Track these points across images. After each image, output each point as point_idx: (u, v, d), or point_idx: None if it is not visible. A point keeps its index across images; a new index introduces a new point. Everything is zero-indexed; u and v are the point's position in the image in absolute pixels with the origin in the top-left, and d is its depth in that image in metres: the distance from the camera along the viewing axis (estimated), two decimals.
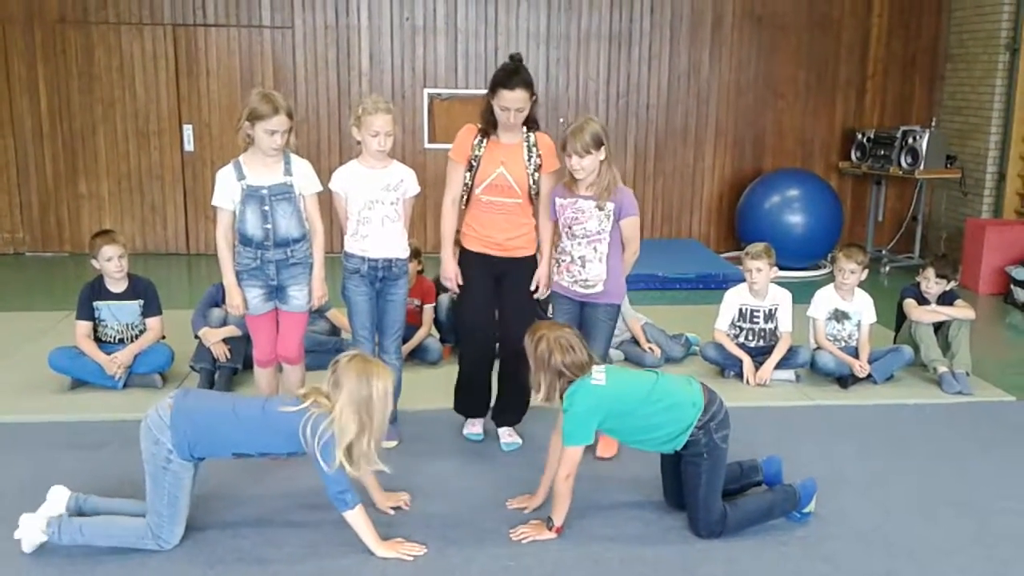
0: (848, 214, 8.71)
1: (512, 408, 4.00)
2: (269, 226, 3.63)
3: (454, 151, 3.83)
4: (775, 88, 8.76)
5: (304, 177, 3.72)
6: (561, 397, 3.13)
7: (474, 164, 3.76)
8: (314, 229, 3.79)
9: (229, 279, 3.72)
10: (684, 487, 3.21)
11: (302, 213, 3.72)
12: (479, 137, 3.79)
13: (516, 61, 3.73)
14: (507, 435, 4.02)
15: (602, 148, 3.56)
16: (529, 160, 3.77)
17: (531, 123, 3.80)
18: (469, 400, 4.08)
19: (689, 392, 3.19)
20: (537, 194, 3.82)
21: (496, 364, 4.03)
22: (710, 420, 3.13)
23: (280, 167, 3.66)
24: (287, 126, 3.57)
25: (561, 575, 2.96)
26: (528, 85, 3.68)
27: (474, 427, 4.08)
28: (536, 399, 3.19)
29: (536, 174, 3.79)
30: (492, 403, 4.08)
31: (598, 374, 3.16)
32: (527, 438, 4.00)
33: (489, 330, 3.93)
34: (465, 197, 3.85)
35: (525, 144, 3.79)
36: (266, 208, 3.62)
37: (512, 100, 3.64)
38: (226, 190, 3.65)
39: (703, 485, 3.15)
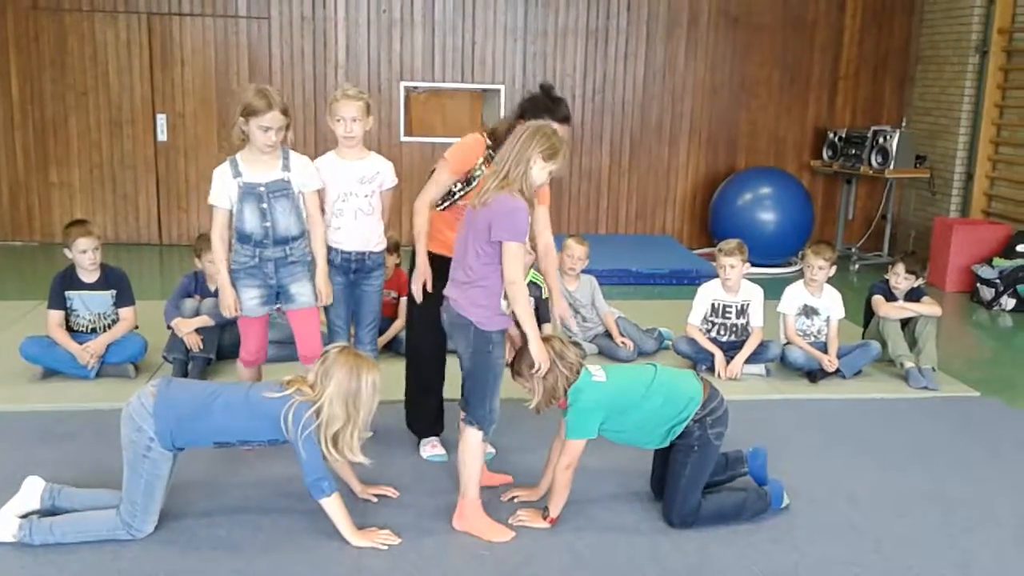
0: (819, 212, 8.82)
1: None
2: (268, 224, 3.55)
3: (457, 160, 3.50)
4: (749, 87, 8.84)
5: (302, 174, 3.64)
6: (555, 402, 3.15)
7: (472, 181, 3.50)
8: (314, 226, 3.68)
9: (224, 278, 3.63)
10: (668, 474, 3.26)
11: (301, 210, 3.64)
12: (483, 157, 3.50)
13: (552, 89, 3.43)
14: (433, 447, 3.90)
15: None
16: None
17: None
18: (427, 415, 3.87)
19: (688, 386, 3.22)
20: None
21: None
22: (707, 415, 3.17)
23: (278, 163, 3.59)
24: (281, 123, 3.49)
25: (534, 564, 3.00)
26: None
27: (435, 448, 3.84)
28: (530, 406, 3.17)
29: None
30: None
31: (597, 372, 3.19)
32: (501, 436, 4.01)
33: (444, 340, 3.62)
34: (447, 203, 3.59)
35: None
36: (264, 206, 3.54)
37: (563, 135, 3.25)
38: (223, 188, 3.56)
39: (686, 477, 3.19)
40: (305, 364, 3.67)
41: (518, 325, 3.15)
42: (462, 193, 3.53)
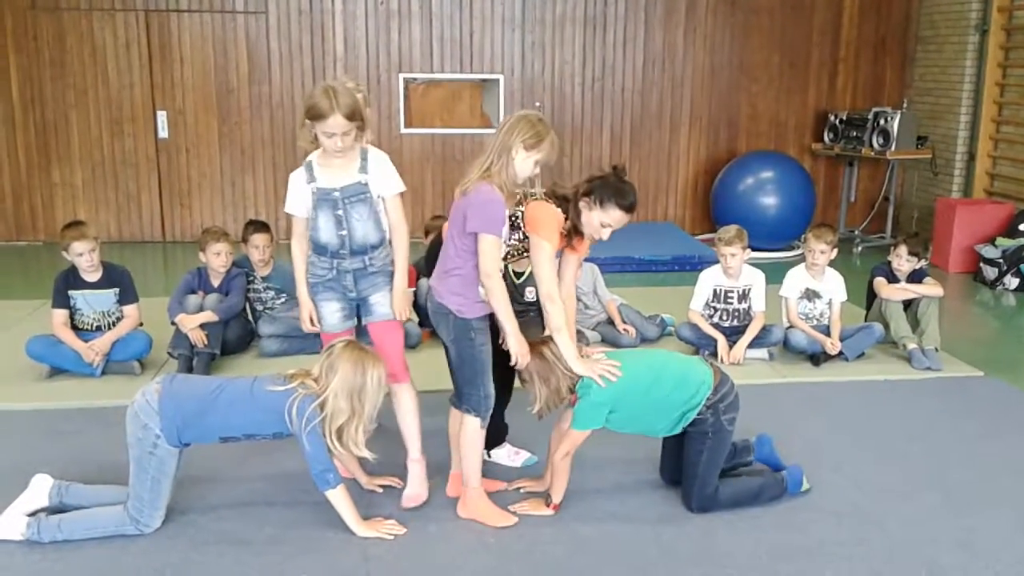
0: (821, 195, 8.80)
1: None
2: (344, 232, 3.22)
3: (553, 234, 3.17)
4: (749, 71, 8.82)
5: (381, 176, 3.24)
6: (561, 403, 3.15)
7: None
8: (396, 234, 3.29)
9: (301, 292, 3.35)
10: (684, 461, 3.26)
11: (380, 215, 3.27)
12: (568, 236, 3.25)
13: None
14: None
15: None
16: None
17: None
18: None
19: (699, 371, 3.21)
20: None
21: None
22: (719, 401, 3.16)
23: (355, 165, 3.21)
24: (345, 128, 3.07)
25: (540, 551, 3.02)
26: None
27: (519, 453, 3.73)
28: (533, 411, 3.16)
29: None
30: None
31: None
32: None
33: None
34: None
35: None
36: (339, 212, 3.21)
37: (621, 222, 3.22)
38: (298, 195, 3.26)
39: (703, 463, 3.20)
40: (391, 383, 3.28)
41: (517, 315, 3.16)
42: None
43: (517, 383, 3.33)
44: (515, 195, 3.07)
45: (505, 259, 3.36)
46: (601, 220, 3.15)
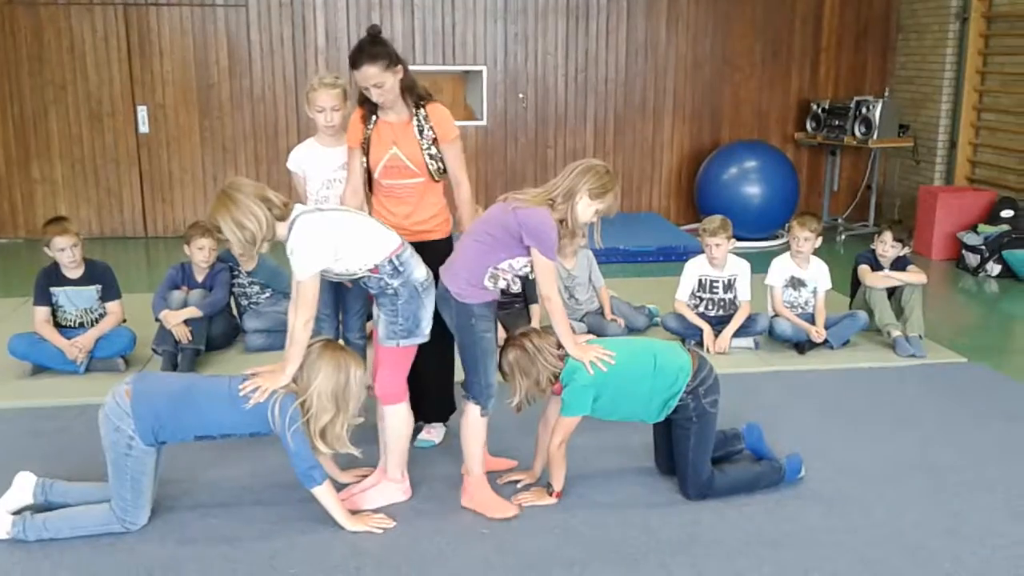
0: (804, 184, 8.84)
1: (435, 405, 3.81)
2: None
3: (347, 136, 3.57)
4: (731, 61, 8.82)
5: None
6: (541, 394, 3.18)
7: (364, 147, 3.50)
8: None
9: None
10: (674, 451, 3.29)
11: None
12: (366, 118, 3.51)
13: (370, 33, 3.39)
14: (426, 432, 3.83)
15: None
16: (422, 136, 3.46)
17: (417, 95, 3.47)
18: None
19: (677, 358, 3.23)
20: (441, 171, 3.52)
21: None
22: (699, 385, 3.19)
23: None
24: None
25: (529, 541, 3.02)
26: (375, 59, 3.31)
27: (428, 433, 3.83)
28: (512, 404, 3.17)
29: (433, 149, 3.48)
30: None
31: None
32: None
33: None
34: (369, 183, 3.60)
35: (415, 120, 3.47)
36: None
37: (361, 78, 3.35)
38: None
39: (692, 449, 3.22)
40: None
41: (503, 306, 3.18)
42: (367, 165, 3.55)
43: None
44: (575, 237, 3.18)
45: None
46: (358, 85, 3.38)
